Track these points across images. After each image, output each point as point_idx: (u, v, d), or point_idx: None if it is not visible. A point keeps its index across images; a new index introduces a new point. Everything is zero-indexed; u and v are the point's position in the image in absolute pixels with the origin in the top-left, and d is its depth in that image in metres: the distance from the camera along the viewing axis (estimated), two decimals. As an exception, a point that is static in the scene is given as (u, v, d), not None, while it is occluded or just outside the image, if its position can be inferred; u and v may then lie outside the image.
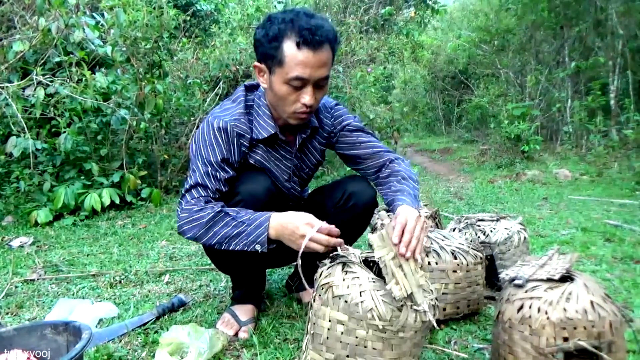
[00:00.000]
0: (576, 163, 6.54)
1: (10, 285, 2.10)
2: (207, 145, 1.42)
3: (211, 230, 1.34)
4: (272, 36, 1.31)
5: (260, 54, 1.38)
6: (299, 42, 1.28)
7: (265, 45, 1.34)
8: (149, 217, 3.65)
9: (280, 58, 1.31)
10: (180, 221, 1.37)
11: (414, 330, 1.12)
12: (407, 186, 1.46)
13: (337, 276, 1.17)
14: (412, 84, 15.03)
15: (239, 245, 1.33)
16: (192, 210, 1.36)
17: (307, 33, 1.28)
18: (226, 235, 1.34)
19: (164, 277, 2.23)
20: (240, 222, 1.33)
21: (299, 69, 1.31)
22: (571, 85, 8.09)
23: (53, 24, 3.39)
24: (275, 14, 1.36)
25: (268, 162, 1.54)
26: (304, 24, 1.28)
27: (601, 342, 1.09)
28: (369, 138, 1.62)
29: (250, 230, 1.32)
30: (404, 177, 1.51)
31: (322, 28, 1.30)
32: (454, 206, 4.06)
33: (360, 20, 7.48)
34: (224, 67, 5.13)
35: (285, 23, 1.30)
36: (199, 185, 1.39)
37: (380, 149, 1.59)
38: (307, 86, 1.35)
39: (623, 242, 2.73)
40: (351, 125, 1.63)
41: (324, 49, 1.32)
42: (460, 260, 1.64)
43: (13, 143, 3.30)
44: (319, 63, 1.32)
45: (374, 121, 5.94)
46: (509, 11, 8.95)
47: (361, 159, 1.61)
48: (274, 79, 1.37)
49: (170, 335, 1.41)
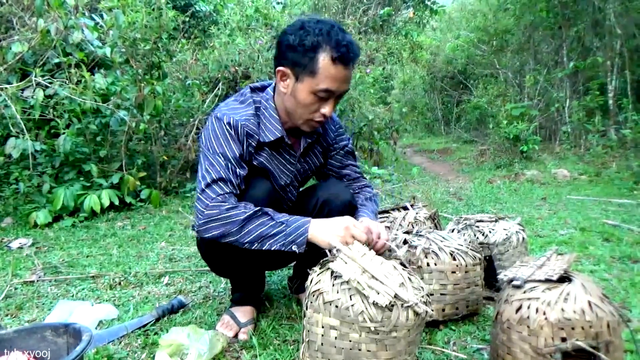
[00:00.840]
0: (575, 163, 6.55)
1: (10, 287, 2.11)
2: (222, 141, 1.42)
3: (245, 229, 1.32)
4: (309, 46, 1.32)
5: (290, 60, 1.37)
6: (335, 57, 1.31)
7: (298, 52, 1.34)
8: (148, 219, 3.65)
9: (313, 69, 1.33)
10: (204, 218, 1.33)
11: (407, 329, 1.13)
12: (370, 205, 1.65)
13: (326, 282, 1.18)
14: (411, 84, 15.06)
15: (275, 244, 1.32)
16: (223, 207, 1.33)
17: (344, 50, 1.31)
18: (262, 235, 1.32)
19: (164, 279, 2.23)
20: (279, 222, 1.32)
21: (329, 82, 1.34)
22: (569, 85, 8.11)
23: (52, 25, 3.38)
24: (308, 22, 1.36)
25: (271, 165, 1.55)
26: (341, 39, 1.31)
27: (599, 342, 1.10)
28: (355, 163, 1.79)
29: (289, 231, 1.31)
30: (370, 198, 1.71)
31: (354, 45, 1.35)
32: (453, 207, 4.07)
33: (359, 21, 7.50)
34: (223, 68, 5.14)
35: (322, 35, 1.32)
36: (222, 179, 1.37)
37: (361, 175, 1.79)
38: (331, 98, 1.39)
39: (621, 241, 2.74)
40: (348, 148, 1.74)
41: (352, 65, 1.38)
42: (459, 261, 1.64)
43: (12, 144, 3.30)
44: (347, 78, 1.38)
45: (373, 122, 5.95)
46: (507, 11, 8.98)
47: (345, 179, 1.74)
48: (299, 87, 1.38)
49: (170, 336, 1.41)
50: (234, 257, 1.52)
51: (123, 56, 3.89)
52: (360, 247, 1.26)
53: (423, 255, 1.64)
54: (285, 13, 7.02)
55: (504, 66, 9.58)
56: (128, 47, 3.85)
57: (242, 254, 1.48)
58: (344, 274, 1.14)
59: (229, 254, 1.49)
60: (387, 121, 6.54)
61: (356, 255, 1.20)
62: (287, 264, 1.93)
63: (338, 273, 1.16)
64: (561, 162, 6.74)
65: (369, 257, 1.23)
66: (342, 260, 1.19)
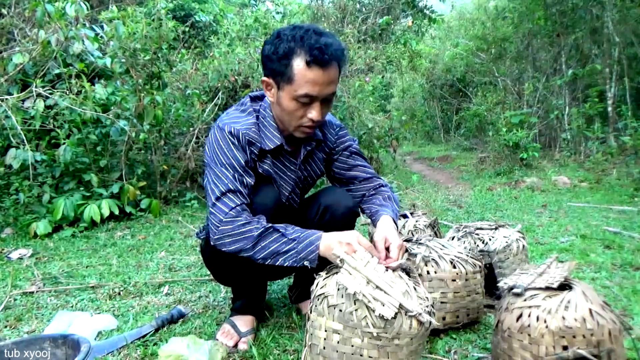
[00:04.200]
0: (575, 170, 6.55)
1: (9, 298, 2.10)
2: (226, 151, 1.42)
3: (259, 245, 1.33)
4: (282, 54, 1.32)
5: (269, 69, 1.39)
6: (308, 61, 1.30)
7: (274, 62, 1.35)
8: (148, 228, 3.65)
9: (290, 75, 1.33)
10: (219, 234, 1.35)
11: (410, 337, 1.12)
12: (390, 204, 1.60)
13: (331, 286, 1.18)
14: (411, 92, 15.10)
15: (287, 261, 1.33)
16: (237, 223, 1.34)
17: (317, 52, 1.29)
18: (275, 251, 1.33)
19: (163, 289, 2.23)
20: (291, 239, 1.33)
21: (308, 86, 1.33)
22: (569, 93, 8.13)
23: (53, 36, 3.41)
24: (284, 30, 1.36)
25: (274, 173, 1.56)
26: (314, 43, 1.30)
27: (600, 351, 1.09)
28: (365, 163, 1.72)
29: (300, 248, 1.31)
30: (389, 197, 1.65)
31: (332, 46, 1.32)
32: (453, 214, 4.07)
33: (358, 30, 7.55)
34: (222, 78, 5.16)
35: (295, 41, 1.31)
36: (231, 191, 1.38)
37: (374, 175, 1.71)
38: (315, 102, 1.37)
39: (622, 249, 2.73)
40: (353, 148, 1.70)
41: (332, 67, 1.35)
42: (459, 269, 1.64)
43: (12, 155, 3.30)
44: (328, 81, 1.35)
45: (372, 130, 5.95)
46: (505, 20, 9.03)
47: (357, 180, 1.70)
48: (282, 95, 1.38)
49: (169, 347, 1.41)
50: (237, 266, 1.52)
51: (123, 66, 3.91)
52: (363, 254, 1.26)
53: (423, 263, 1.63)
54: (284, 23, 7.06)
55: (503, 74, 9.60)
56: (128, 57, 3.87)
57: (245, 263, 1.48)
58: (349, 287, 1.13)
59: (232, 262, 1.50)
60: (387, 129, 6.55)
61: (360, 265, 1.20)
62: (290, 274, 1.92)
63: (343, 286, 1.15)
64: (561, 169, 6.74)
65: (373, 265, 1.23)
66: (346, 272, 1.18)
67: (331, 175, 1.74)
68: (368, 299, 1.11)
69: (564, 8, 7.67)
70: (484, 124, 9.80)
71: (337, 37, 1.41)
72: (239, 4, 9.83)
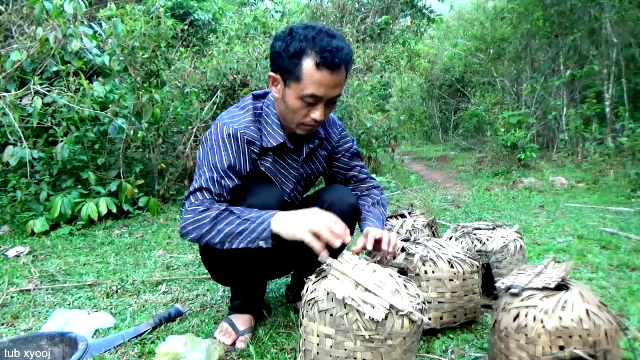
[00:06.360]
0: (572, 170, 6.57)
1: (6, 296, 2.10)
2: (215, 152, 1.43)
3: (215, 229, 1.33)
4: (293, 52, 1.33)
5: (277, 65, 1.39)
6: (318, 63, 1.31)
7: (284, 59, 1.35)
8: (145, 226, 3.64)
9: (298, 74, 1.33)
10: (184, 222, 1.36)
11: (402, 337, 1.12)
12: (378, 210, 1.67)
13: (321, 291, 1.18)
14: (409, 92, 15.13)
15: (242, 242, 1.32)
16: (197, 210, 1.35)
17: (328, 55, 1.30)
18: (229, 233, 1.32)
19: (161, 287, 2.22)
20: (245, 219, 1.32)
21: (315, 87, 1.34)
22: (566, 93, 8.15)
23: (51, 33, 3.40)
24: (296, 27, 1.37)
25: (276, 170, 1.56)
26: (326, 45, 1.31)
27: (597, 351, 1.10)
28: (362, 163, 1.79)
29: (252, 228, 1.31)
30: (378, 202, 1.72)
31: (342, 50, 1.33)
32: (451, 214, 4.07)
33: (357, 29, 7.55)
34: (221, 76, 5.16)
35: (307, 41, 1.32)
36: (203, 189, 1.39)
37: (368, 176, 1.79)
38: (319, 103, 1.39)
39: (619, 249, 2.74)
40: (354, 149, 1.76)
41: (340, 70, 1.36)
42: (456, 268, 1.64)
43: (10, 152, 3.30)
44: (335, 83, 1.36)
45: (371, 129, 5.96)
46: (504, 20, 9.04)
47: (353, 180, 1.77)
48: (288, 92, 1.39)
49: (166, 345, 1.40)
50: (235, 264, 1.52)
51: (121, 64, 3.90)
52: (350, 256, 1.26)
53: (421, 263, 1.64)
54: (283, 21, 7.06)
55: (501, 74, 9.63)
56: (126, 55, 3.86)
57: (242, 262, 1.48)
58: (337, 292, 1.13)
59: (230, 260, 1.50)
60: (385, 129, 6.56)
61: (347, 268, 1.20)
62: (287, 273, 1.92)
63: (332, 291, 1.15)
64: (559, 169, 6.76)
65: (360, 267, 1.23)
66: (333, 277, 1.18)
67: (329, 173, 1.76)
68: (357, 303, 1.11)
69: (562, 9, 7.69)
70: (482, 124, 9.84)
71: (346, 40, 1.42)
72: (237, 3, 9.81)
